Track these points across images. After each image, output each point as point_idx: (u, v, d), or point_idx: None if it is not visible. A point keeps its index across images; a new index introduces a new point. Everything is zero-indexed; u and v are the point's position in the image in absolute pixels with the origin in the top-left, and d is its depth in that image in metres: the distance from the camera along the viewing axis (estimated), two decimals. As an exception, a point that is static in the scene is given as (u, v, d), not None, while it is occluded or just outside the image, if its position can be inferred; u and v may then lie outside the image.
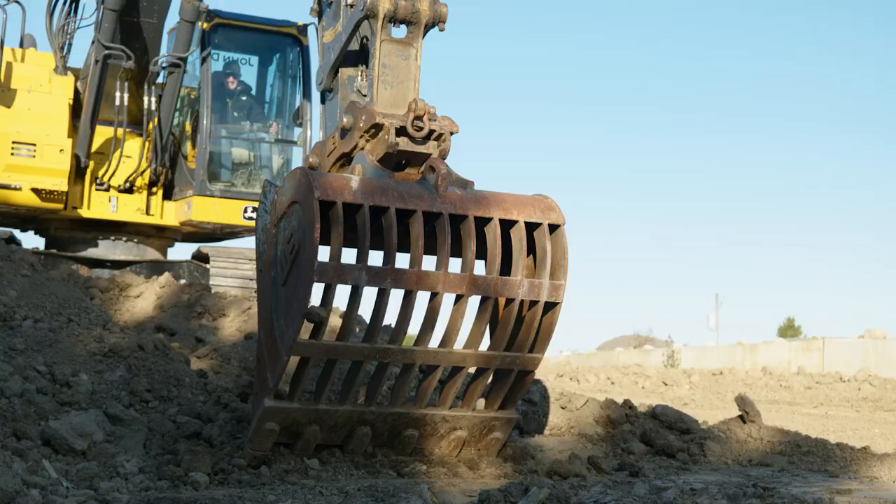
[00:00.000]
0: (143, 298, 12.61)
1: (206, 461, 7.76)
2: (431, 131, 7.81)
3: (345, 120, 8.03)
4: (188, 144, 16.38)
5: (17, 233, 16.23)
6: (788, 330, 72.75)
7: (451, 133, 7.91)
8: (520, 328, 7.84)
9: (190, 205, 15.78)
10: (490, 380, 8.03)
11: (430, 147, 7.88)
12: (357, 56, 8.44)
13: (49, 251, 15.80)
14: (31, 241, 18.54)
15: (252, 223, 15.62)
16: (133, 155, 15.76)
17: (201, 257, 16.20)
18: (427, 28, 8.07)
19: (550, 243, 7.75)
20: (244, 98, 16.61)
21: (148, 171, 15.88)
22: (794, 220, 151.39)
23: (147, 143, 15.75)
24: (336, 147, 8.16)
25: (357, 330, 10.87)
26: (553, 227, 7.80)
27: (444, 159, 7.89)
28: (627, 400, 10.34)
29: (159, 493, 6.94)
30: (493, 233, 7.62)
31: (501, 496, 3.87)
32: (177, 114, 16.36)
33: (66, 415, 8.25)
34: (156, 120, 15.76)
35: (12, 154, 14.80)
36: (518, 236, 7.69)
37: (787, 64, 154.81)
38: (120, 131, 15.41)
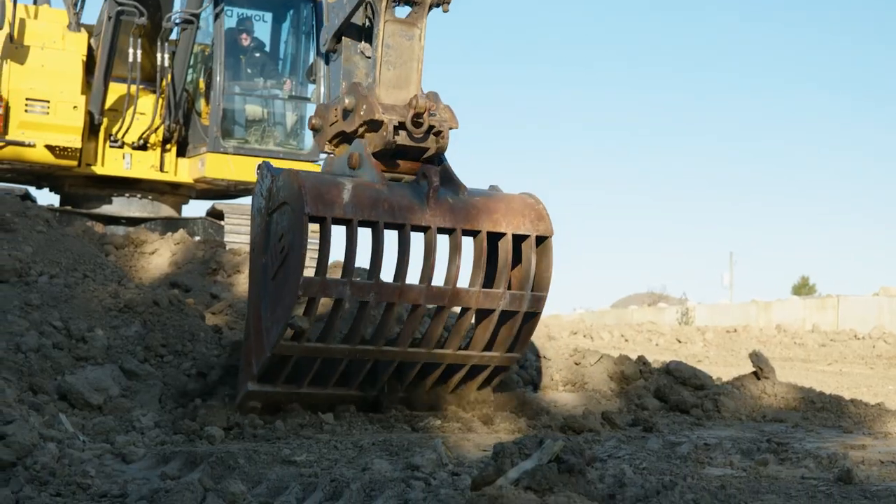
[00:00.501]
0: (158, 255, 12.62)
1: (222, 415, 7.80)
2: (431, 127, 7.81)
3: (346, 101, 8.01)
4: (202, 101, 16.35)
5: (31, 190, 16.27)
6: (803, 288, 72.62)
7: (451, 128, 7.93)
8: (499, 332, 8.03)
9: (204, 161, 15.77)
10: (465, 375, 8.20)
11: (429, 142, 7.91)
12: (360, 31, 8.39)
13: (64, 208, 15.83)
14: (46, 198, 18.55)
15: (266, 180, 15.60)
16: (146, 112, 15.75)
17: (216, 214, 16.20)
18: (431, 7, 8.01)
19: (536, 256, 7.91)
20: (258, 54, 16.55)
21: (161, 127, 15.86)
22: (809, 178, 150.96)
23: (160, 100, 15.73)
24: (337, 121, 8.15)
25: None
26: (541, 239, 7.95)
27: (443, 152, 7.93)
28: (641, 356, 10.35)
29: (175, 447, 6.98)
30: (480, 246, 7.78)
31: (516, 449, 3.87)
32: (190, 70, 16.32)
33: (81, 370, 8.29)
34: (169, 77, 15.72)
35: (26, 111, 14.80)
36: (505, 248, 7.83)
37: (802, 22, 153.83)
38: (133, 88, 15.38)
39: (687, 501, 3.67)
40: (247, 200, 17.57)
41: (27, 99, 14.80)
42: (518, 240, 7.87)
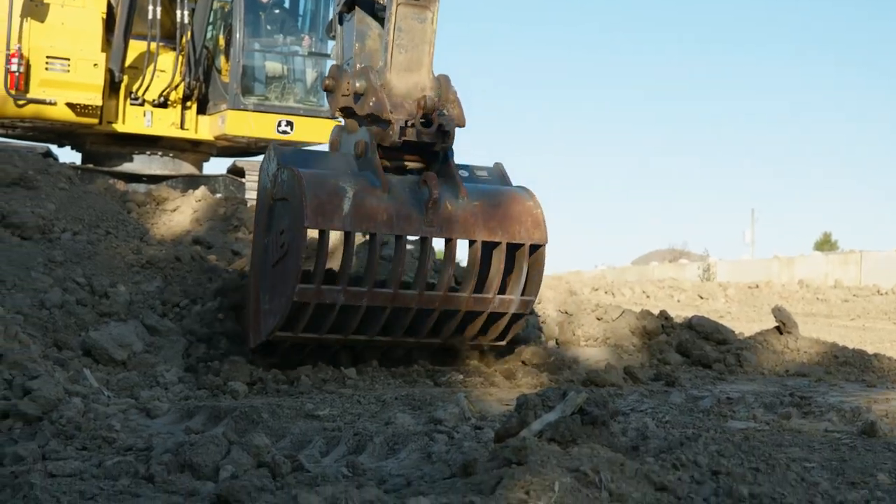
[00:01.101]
0: (180, 212, 12.63)
1: (245, 371, 7.84)
2: (439, 125, 7.85)
3: (357, 85, 8.06)
4: (222, 58, 16.30)
5: (53, 148, 16.28)
6: (825, 244, 72.23)
7: (458, 126, 7.96)
8: (487, 330, 8.30)
9: (224, 119, 15.74)
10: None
11: (436, 140, 7.94)
12: (372, 5, 8.38)
13: (85, 166, 15.84)
14: (68, 156, 18.58)
15: (286, 136, 15.60)
16: (167, 69, 15.71)
17: (236, 171, 16.21)
18: None
19: (528, 263, 8.08)
20: (277, 11, 16.47)
21: (182, 85, 15.83)
22: (831, 133, 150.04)
23: (180, 58, 15.69)
24: (349, 95, 8.19)
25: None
26: (535, 247, 8.11)
27: (448, 147, 7.98)
28: (664, 311, 10.33)
29: (199, 401, 7.02)
30: (474, 256, 7.97)
31: (539, 401, 3.86)
32: (210, 27, 16.27)
33: (105, 325, 8.32)
34: (189, 34, 15.68)
35: (46, 69, 14.79)
36: (499, 257, 8.01)
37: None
38: (153, 45, 15.35)
39: (711, 453, 3.67)
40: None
41: (47, 57, 14.78)
42: (513, 248, 8.06)
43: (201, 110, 16.26)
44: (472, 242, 7.94)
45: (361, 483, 3.95)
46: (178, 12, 15.52)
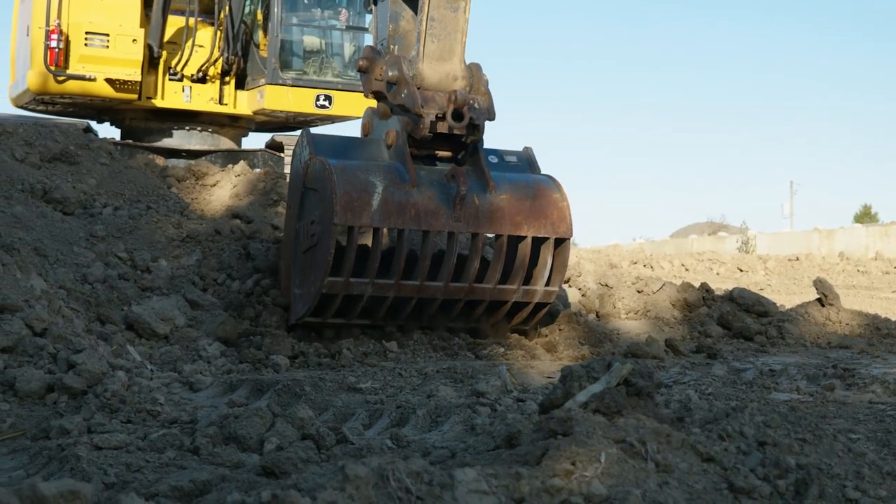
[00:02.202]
0: (220, 187, 12.66)
1: (287, 344, 7.87)
2: (469, 118, 7.94)
3: (390, 74, 8.16)
4: (260, 33, 16.27)
5: (93, 124, 16.34)
6: (865, 217, 71.70)
7: (488, 120, 8.08)
8: (511, 319, 8.58)
9: (262, 93, 15.74)
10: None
11: (466, 132, 8.07)
12: None
13: (125, 141, 15.89)
14: (107, 131, 18.63)
15: (324, 111, 15.60)
16: (205, 44, 15.71)
17: (275, 146, 16.22)
18: None
19: (552, 256, 8.30)
20: (314, -15, 16.43)
21: (220, 60, 15.83)
22: (870, 104, 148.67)
23: (219, 33, 15.68)
24: (381, 81, 8.30)
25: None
26: (560, 240, 8.31)
27: (479, 139, 8.14)
28: (704, 283, 10.28)
29: (241, 375, 7.05)
30: (500, 248, 8.16)
31: (584, 372, 3.85)
32: (248, 2, 16.26)
33: (147, 300, 8.38)
34: (227, 8, 15.67)
35: (86, 45, 14.81)
36: (524, 251, 8.22)
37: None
38: (192, 21, 15.35)
39: (757, 424, 3.64)
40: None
41: (87, 33, 14.80)
42: (538, 241, 8.26)
43: (240, 85, 16.26)
44: (498, 236, 8.14)
45: (407, 454, 3.96)
46: (216, -13, 15.53)
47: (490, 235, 8.41)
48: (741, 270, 25.17)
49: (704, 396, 6.09)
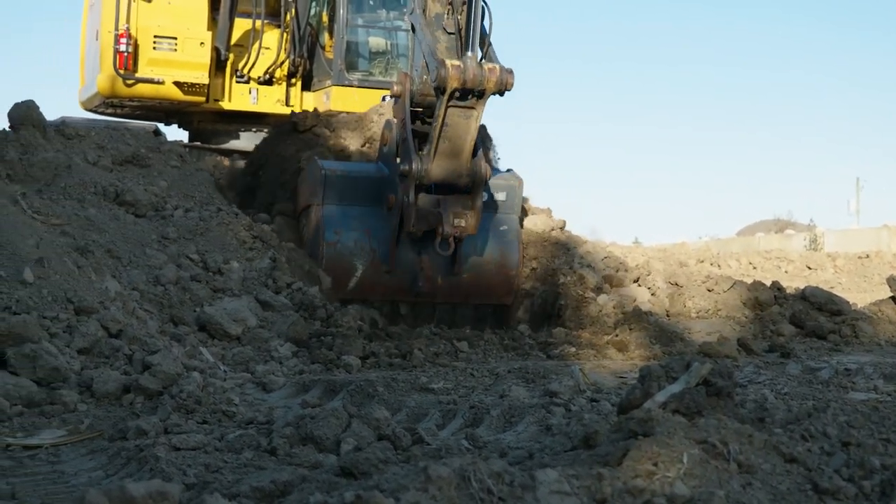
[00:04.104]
0: (287, 188, 12.71)
1: (358, 345, 7.89)
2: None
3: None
4: (325, 35, 16.34)
5: (161, 127, 16.48)
6: (935, 213, 70.56)
7: (469, 234, 9.33)
8: None
9: (328, 95, 15.79)
10: None
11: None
12: None
13: (193, 144, 16.01)
14: (175, 134, 18.78)
15: (390, 111, 15.63)
16: (272, 46, 15.80)
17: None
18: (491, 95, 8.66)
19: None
20: (379, -14, 16.46)
21: (287, 62, 15.91)
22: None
23: (285, 35, 15.75)
24: (407, 119, 9.01)
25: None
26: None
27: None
28: (776, 282, 10.19)
29: (314, 375, 7.08)
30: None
31: (663, 371, 3.82)
32: (314, 4, 16.32)
33: (219, 301, 8.43)
34: (293, 11, 15.74)
35: (154, 48, 14.94)
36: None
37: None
38: (258, 23, 15.43)
39: (840, 424, 3.60)
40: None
41: (155, 36, 14.94)
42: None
43: (306, 87, 16.33)
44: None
45: (486, 455, 3.95)
46: (282, -10, 15.60)
47: None
48: (810, 268, 24.90)
49: (781, 396, 6.03)
